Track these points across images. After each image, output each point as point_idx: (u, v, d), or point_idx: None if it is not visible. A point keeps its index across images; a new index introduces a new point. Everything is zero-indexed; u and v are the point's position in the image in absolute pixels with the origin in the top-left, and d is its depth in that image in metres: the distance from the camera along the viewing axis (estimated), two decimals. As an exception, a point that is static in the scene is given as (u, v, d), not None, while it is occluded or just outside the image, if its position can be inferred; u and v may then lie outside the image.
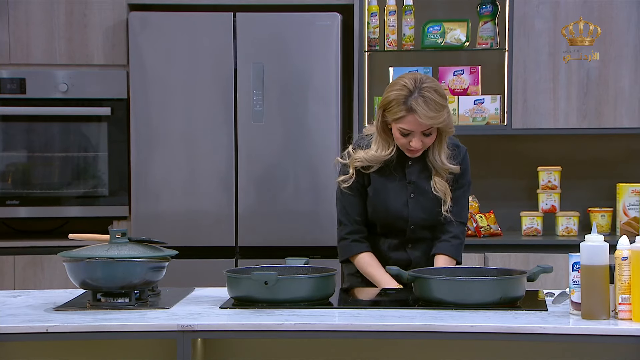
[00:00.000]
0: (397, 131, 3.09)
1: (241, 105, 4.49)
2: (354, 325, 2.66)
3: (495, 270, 2.99)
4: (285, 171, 4.50)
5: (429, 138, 3.10)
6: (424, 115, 3.03)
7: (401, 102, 3.05)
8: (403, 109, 3.04)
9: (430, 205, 3.18)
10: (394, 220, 3.19)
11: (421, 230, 3.21)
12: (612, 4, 4.47)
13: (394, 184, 3.17)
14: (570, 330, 2.58)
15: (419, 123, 3.04)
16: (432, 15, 4.70)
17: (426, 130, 3.07)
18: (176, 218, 4.48)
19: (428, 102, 3.03)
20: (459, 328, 2.60)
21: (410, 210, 3.17)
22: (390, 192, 3.17)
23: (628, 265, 2.60)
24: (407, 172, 3.18)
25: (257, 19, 4.48)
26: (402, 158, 3.18)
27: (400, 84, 3.08)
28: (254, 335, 2.69)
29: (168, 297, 2.97)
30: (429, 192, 3.17)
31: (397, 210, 3.17)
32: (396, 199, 3.17)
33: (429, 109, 3.03)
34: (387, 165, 3.18)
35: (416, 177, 3.18)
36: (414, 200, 3.17)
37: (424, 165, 3.18)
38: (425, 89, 3.05)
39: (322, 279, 2.88)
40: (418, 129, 3.06)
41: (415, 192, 3.18)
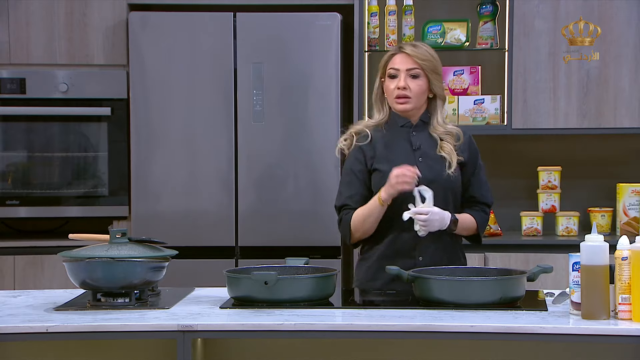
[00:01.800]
0: (387, 79, 3.22)
1: (241, 105, 4.49)
2: (354, 325, 2.66)
3: (495, 270, 2.99)
4: (285, 171, 4.50)
5: (415, 83, 3.19)
6: (410, 50, 3.20)
7: (391, 50, 3.29)
8: (392, 52, 3.26)
9: (438, 166, 3.20)
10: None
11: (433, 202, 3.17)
12: (612, 3, 4.46)
13: (401, 152, 3.22)
14: (570, 330, 2.58)
15: (407, 58, 3.19)
16: (432, 15, 4.70)
17: (412, 71, 3.19)
18: (176, 218, 4.48)
19: (416, 45, 3.26)
20: (459, 328, 2.60)
21: (420, 172, 3.14)
22: (398, 160, 3.18)
23: (628, 265, 2.60)
24: (413, 140, 3.24)
25: (257, 19, 4.48)
26: (405, 129, 3.25)
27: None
28: (254, 335, 2.69)
29: (168, 297, 2.97)
30: (436, 156, 3.22)
31: None
32: (404, 163, 3.16)
33: (415, 48, 3.23)
34: (392, 139, 3.23)
35: (423, 143, 3.23)
36: (422, 163, 3.20)
37: (428, 135, 3.25)
38: (418, 42, 3.31)
39: (322, 279, 2.88)
40: (404, 66, 3.19)
41: (422, 157, 3.22)
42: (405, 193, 3.12)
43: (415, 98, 3.21)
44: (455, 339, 2.71)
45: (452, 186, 3.22)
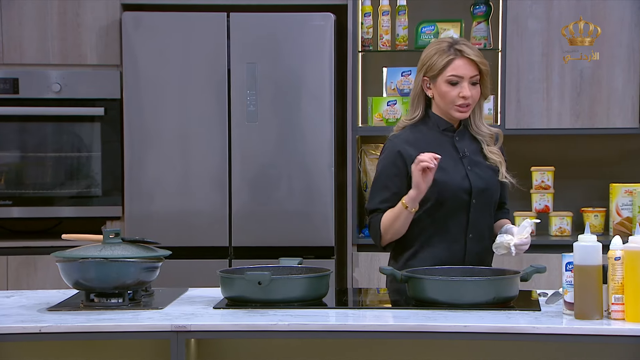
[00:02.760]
0: (445, 84, 3.06)
1: (235, 105, 4.48)
2: (348, 325, 2.66)
3: (489, 270, 2.99)
4: (279, 171, 4.50)
5: (475, 90, 3.08)
6: (472, 54, 3.05)
7: (445, 50, 3.07)
8: (449, 54, 3.06)
9: (489, 175, 3.12)
10: (456, 193, 3.07)
11: (483, 209, 3.10)
12: (605, 4, 4.47)
13: (448, 159, 3.08)
14: (563, 330, 2.58)
15: (468, 64, 3.05)
16: (425, 15, 4.70)
17: (473, 78, 3.06)
18: (170, 218, 4.48)
19: (470, 46, 3.09)
20: (452, 328, 2.60)
21: (472, 181, 3.08)
22: (447, 168, 3.07)
23: (621, 265, 2.60)
24: (458, 146, 3.13)
25: (251, 19, 4.48)
26: (448, 134, 3.13)
27: (437, 41, 3.14)
28: (248, 336, 2.69)
29: (161, 298, 2.97)
30: (482, 162, 3.13)
31: (458, 183, 3.08)
32: (455, 173, 3.08)
33: (473, 50, 3.07)
34: (436, 144, 3.10)
35: (468, 150, 3.13)
36: (472, 171, 3.10)
37: (470, 138, 3.15)
38: (463, 40, 3.12)
39: (315, 279, 2.88)
40: (468, 73, 3.05)
41: (471, 165, 3.12)
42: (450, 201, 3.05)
43: (473, 104, 3.10)
44: (449, 339, 2.72)
45: (498, 194, 3.15)
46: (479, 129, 3.15)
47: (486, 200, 3.12)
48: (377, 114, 4.62)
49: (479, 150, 3.15)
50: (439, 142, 3.11)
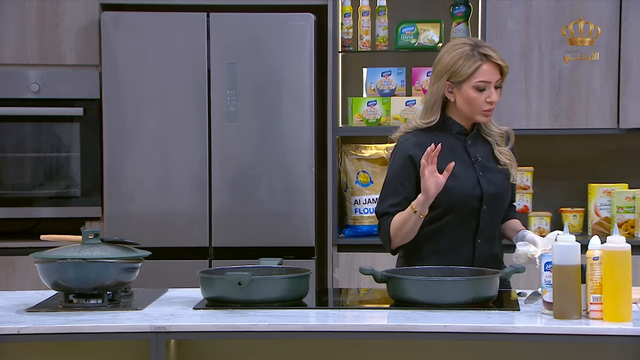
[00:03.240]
0: (472, 90, 3.03)
1: (215, 105, 4.48)
2: (328, 325, 2.66)
3: (468, 270, 3.00)
4: (259, 172, 4.49)
5: (498, 93, 3.06)
6: (497, 58, 3.03)
7: (470, 55, 3.03)
8: (476, 59, 3.03)
9: (500, 179, 3.10)
10: (467, 200, 3.05)
11: (493, 215, 3.08)
12: (583, 4, 4.49)
13: (460, 165, 3.05)
14: (542, 330, 2.60)
15: (494, 69, 3.03)
16: (405, 16, 4.71)
17: (498, 82, 3.05)
18: (149, 219, 4.46)
19: (492, 48, 3.07)
20: (432, 328, 2.61)
21: (484, 188, 3.06)
22: (459, 175, 3.03)
23: (599, 265, 2.62)
24: (470, 151, 3.10)
25: (231, 19, 4.47)
26: (460, 138, 3.10)
27: (457, 44, 3.08)
28: (228, 336, 2.68)
29: (141, 298, 2.96)
30: (494, 167, 3.11)
31: (469, 190, 3.06)
32: (466, 179, 3.06)
33: (496, 53, 3.05)
34: (448, 148, 3.06)
35: (480, 155, 3.11)
36: (483, 177, 3.08)
37: (482, 141, 3.13)
38: (482, 41, 3.10)
39: (296, 280, 2.88)
40: (494, 78, 3.03)
41: (483, 170, 3.09)
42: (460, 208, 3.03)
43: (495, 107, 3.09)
44: (428, 339, 2.72)
45: (509, 199, 3.14)
46: (489, 130, 3.13)
47: (497, 205, 3.09)
48: (357, 114, 4.62)
49: (490, 152, 3.12)
50: (451, 146, 3.08)
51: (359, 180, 4.66)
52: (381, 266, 4.28)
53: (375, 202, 4.63)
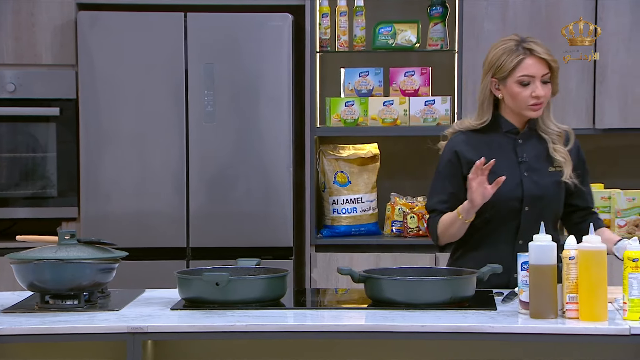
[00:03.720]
0: (516, 85, 3.00)
1: (192, 105, 4.47)
2: (306, 325, 2.66)
3: (446, 270, 3.01)
4: (237, 172, 4.49)
5: (547, 87, 3.01)
6: (543, 52, 2.99)
7: (513, 50, 3.01)
8: (519, 53, 3.00)
9: (547, 181, 3.04)
10: (507, 200, 3.01)
11: (537, 217, 2.96)
12: (559, 4, 4.51)
13: (504, 165, 3.02)
14: (518, 330, 2.61)
15: (539, 63, 2.99)
16: (383, 16, 4.72)
17: (544, 76, 3.00)
18: (126, 219, 4.45)
19: (539, 44, 3.02)
20: (409, 328, 2.61)
21: (525, 189, 3.03)
22: (502, 173, 2.97)
23: (575, 265, 2.63)
24: (518, 150, 3.06)
25: (208, 19, 4.46)
26: (510, 136, 3.07)
27: (504, 40, 3.06)
28: (205, 337, 2.68)
29: (118, 299, 2.95)
30: (544, 168, 3.06)
31: (510, 190, 3.01)
32: (509, 179, 2.98)
33: (542, 48, 3.01)
34: (497, 147, 3.05)
35: (529, 155, 3.06)
36: (528, 178, 3.04)
37: (535, 141, 3.08)
38: (529, 37, 3.05)
39: (273, 280, 2.88)
40: (539, 72, 2.99)
41: (528, 171, 3.05)
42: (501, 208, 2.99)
43: (545, 102, 3.04)
44: (406, 339, 2.73)
45: (558, 202, 3.07)
46: (547, 127, 3.08)
47: (542, 208, 3.03)
48: (335, 114, 4.62)
49: (544, 151, 3.07)
50: (499, 145, 3.06)
51: (336, 180, 4.67)
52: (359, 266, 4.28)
53: (352, 202, 4.65)
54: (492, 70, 3.04)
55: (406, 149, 4.87)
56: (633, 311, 2.60)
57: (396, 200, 4.68)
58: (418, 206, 4.65)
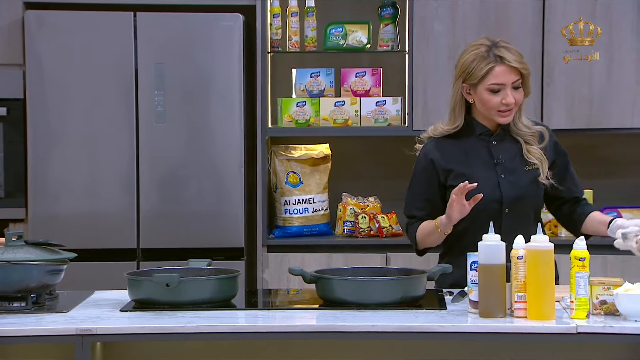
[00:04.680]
0: (486, 92, 3.00)
1: (142, 105, 4.44)
2: (257, 326, 2.66)
3: (397, 270, 3.03)
4: (188, 172, 4.46)
5: (518, 93, 3.01)
6: (512, 60, 2.98)
7: (484, 57, 3.00)
8: (490, 61, 2.99)
9: (525, 181, 3.04)
10: (486, 203, 2.98)
11: (518, 217, 3.01)
12: (508, 4, 4.55)
13: (481, 168, 3.05)
14: (468, 329, 2.63)
15: (509, 71, 2.98)
16: (333, 17, 4.73)
17: (515, 82, 3.00)
18: (76, 220, 4.40)
19: (510, 49, 3.01)
20: (360, 328, 2.62)
21: (503, 191, 3.02)
22: (479, 176, 3.01)
23: (524, 264, 2.66)
24: (494, 152, 3.06)
25: (158, 18, 4.43)
26: (484, 139, 3.07)
27: (474, 45, 3.05)
28: (156, 338, 2.66)
29: (66, 301, 2.92)
30: (520, 168, 3.05)
31: (488, 193, 3.00)
32: (486, 182, 3.01)
33: (513, 54, 3.00)
34: (472, 151, 3.06)
35: (504, 157, 3.06)
36: (505, 180, 3.04)
37: (509, 142, 3.07)
38: (501, 42, 3.03)
39: (225, 281, 2.88)
40: (509, 80, 2.98)
41: (505, 172, 3.05)
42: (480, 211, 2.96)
43: (516, 107, 3.04)
44: (357, 339, 2.74)
45: (537, 200, 3.06)
46: (518, 129, 3.07)
47: (521, 208, 3.03)
48: (286, 115, 4.62)
49: (519, 152, 3.07)
50: (474, 148, 3.07)
51: (288, 180, 4.67)
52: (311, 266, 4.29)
53: (304, 202, 4.65)
54: (462, 76, 3.04)
55: (358, 149, 4.88)
56: (580, 310, 2.64)
57: (347, 201, 4.69)
58: (369, 206, 4.67)
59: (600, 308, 2.68)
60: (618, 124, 4.48)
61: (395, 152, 4.88)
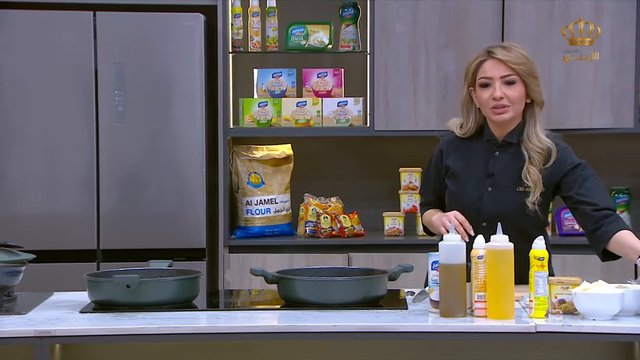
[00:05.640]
0: (479, 88, 3.01)
1: (102, 105, 4.40)
2: (219, 327, 2.66)
3: (358, 270, 3.04)
4: (149, 173, 4.44)
5: (511, 89, 2.98)
6: (501, 54, 2.98)
7: (480, 55, 3.05)
8: (481, 57, 3.03)
9: (509, 200, 3.00)
10: (466, 210, 2.99)
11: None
12: (468, 5, 4.57)
13: (474, 174, 3.05)
14: (428, 328, 2.65)
15: (497, 64, 2.98)
16: (295, 17, 4.73)
17: (506, 78, 2.98)
18: (34, 221, 4.36)
19: (507, 48, 3.03)
20: (322, 328, 2.63)
21: (484, 205, 3.02)
22: (468, 182, 3.04)
23: (484, 264, 2.68)
24: (492, 162, 3.04)
25: (118, 18, 4.40)
26: (490, 146, 3.06)
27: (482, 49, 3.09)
28: (116, 340, 2.65)
29: (25, 302, 2.90)
30: (510, 187, 3.01)
31: (471, 202, 3.02)
32: (472, 190, 3.03)
33: (507, 51, 3.01)
34: (474, 154, 3.07)
35: (500, 169, 3.03)
36: (490, 194, 3.02)
37: (512, 156, 3.03)
38: (505, 44, 3.08)
39: (186, 282, 2.87)
40: (497, 74, 2.98)
41: (493, 186, 3.03)
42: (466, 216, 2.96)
43: (514, 105, 2.98)
44: (319, 339, 2.74)
45: (521, 220, 2.98)
46: (529, 141, 3.01)
47: (503, 224, 2.80)
48: (248, 115, 4.62)
49: (517, 170, 3.01)
50: (477, 154, 3.07)
51: (250, 181, 4.66)
52: (273, 267, 4.30)
53: (266, 203, 4.65)
54: (466, 79, 3.08)
55: (319, 149, 4.89)
56: (539, 309, 2.67)
57: (310, 201, 4.70)
58: (331, 207, 4.68)
59: (559, 307, 2.71)
60: (576, 125, 4.52)
61: (357, 153, 4.90)
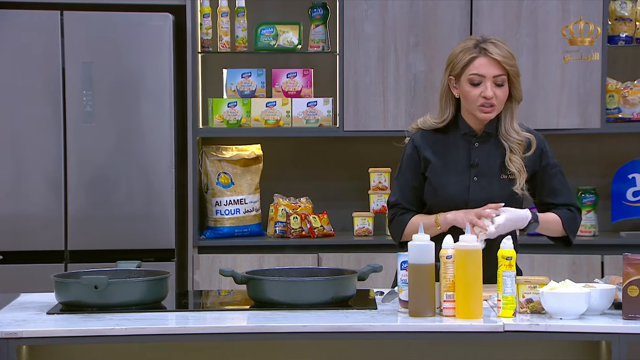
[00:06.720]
0: (467, 84, 2.99)
1: (70, 106, 4.38)
2: (187, 328, 2.65)
3: (328, 270, 3.04)
4: (117, 173, 4.42)
5: (501, 90, 2.98)
6: (495, 53, 2.95)
7: (470, 48, 3.00)
8: (473, 52, 2.98)
9: (496, 188, 3.01)
10: (452, 204, 3.00)
11: None
12: (436, 5, 4.59)
13: (456, 166, 3.03)
14: (397, 328, 2.66)
15: (491, 63, 2.96)
16: (264, 17, 4.73)
17: (497, 78, 2.97)
18: (1, 221, 4.32)
19: (498, 45, 2.99)
20: (291, 328, 2.63)
21: (471, 194, 3.01)
22: (451, 175, 3.02)
23: (452, 264, 2.69)
24: (473, 153, 3.04)
25: (86, 17, 4.38)
26: (468, 138, 3.05)
27: (466, 39, 3.05)
28: (83, 341, 2.63)
29: (-8, 305, 2.87)
30: (495, 174, 3.02)
31: (457, 193, 3.02)
32: (457, 182, 3.02)
33: (499, 49, 2.98)
34: (452, 147, 3.05)
35: (483, 159, 3.03)
36: (476, 183, 3.02)
37: (493, 146, 3.04)
38: (493, 39, 3.02)
39: (154, 282, 2.85)
40: (490, 72, 2.96)
41: (478, 175, 3.03)
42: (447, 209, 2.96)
43: (499, 105, 2.99)
44: (288, 340, 2.74)
45: (506, 206, 2.97)
46: (507, 134, 3.03)
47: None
48: (217, 115, 4.61)
49: (499, 159, 3.03)
50: (455, 146, 3.06)
51: (219, 181, 4.65)
52: (243, 267, 4.29)
53: (235, 203, 4.64)
54: (449, 68, 3.04)
55: (289, 150, 4.89)
56: (507, 308, 2.68)
57: (279, 201, 4.69)
58: (301, 207, 4.68)
59: (527, 306, 2.72)
60: (544, 125, 4.55)
61: (327, 153, 4.91)
